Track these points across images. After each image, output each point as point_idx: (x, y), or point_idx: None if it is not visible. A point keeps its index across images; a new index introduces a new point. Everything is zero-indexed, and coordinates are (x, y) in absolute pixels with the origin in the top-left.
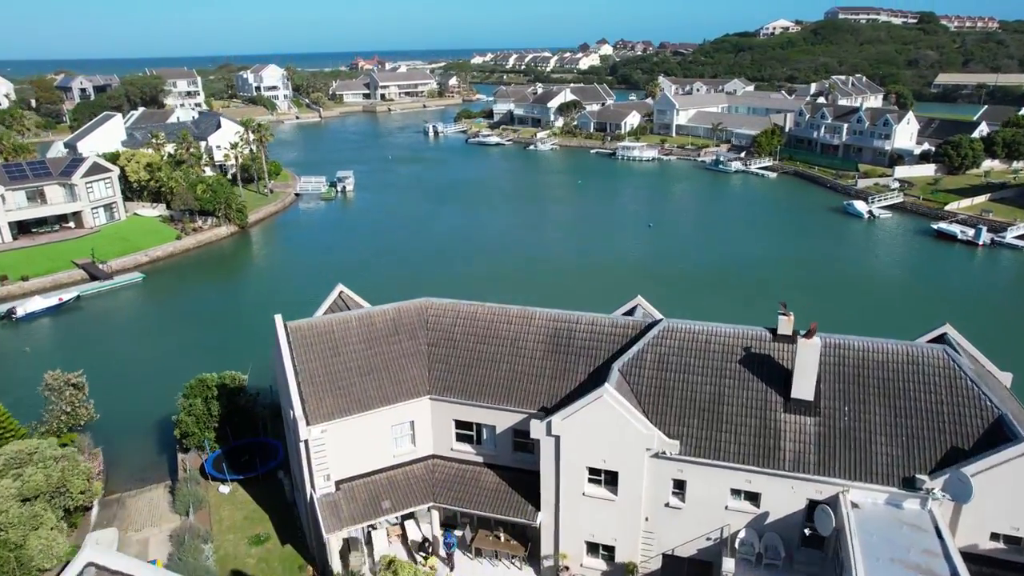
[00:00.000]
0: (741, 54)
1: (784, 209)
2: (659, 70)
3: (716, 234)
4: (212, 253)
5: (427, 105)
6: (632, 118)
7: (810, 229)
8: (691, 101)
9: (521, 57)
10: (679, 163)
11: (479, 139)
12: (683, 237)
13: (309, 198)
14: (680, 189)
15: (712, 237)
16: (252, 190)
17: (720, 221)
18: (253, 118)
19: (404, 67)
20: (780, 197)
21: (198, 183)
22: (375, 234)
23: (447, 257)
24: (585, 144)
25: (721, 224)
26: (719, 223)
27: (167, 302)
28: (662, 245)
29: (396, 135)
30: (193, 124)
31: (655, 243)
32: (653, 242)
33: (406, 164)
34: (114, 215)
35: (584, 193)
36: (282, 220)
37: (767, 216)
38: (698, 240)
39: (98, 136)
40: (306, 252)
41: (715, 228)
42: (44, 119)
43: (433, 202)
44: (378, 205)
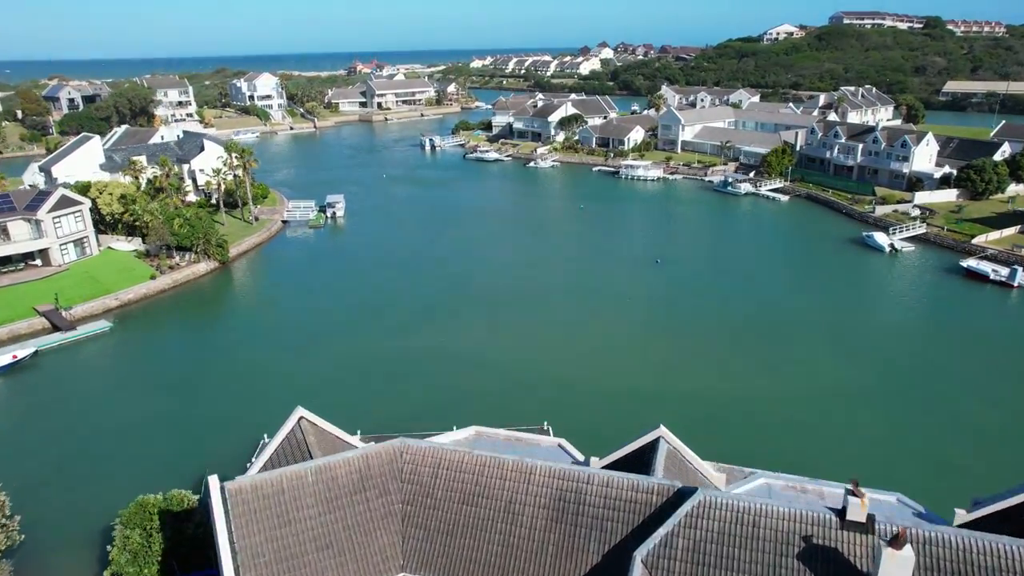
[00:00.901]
0: (744, 60)
1: (799, 240)
2: (661, 76)
3: (729, 273)
4: (188, 295)
5: (425, 114)
6: (636, 133)
7: (829, 265)
8: (697, 116)
9: (521, 61)
10: (685, 183)
11: (477, 155)
12: (694, 277)
13: (297, 225)
14: (688, 215)
15: (724, 276)
16: (237, 216)
17: (732, 256)
18: (237, 142)
19: (402, 74)
20: (794, 225)
21: (175, 216)
22: (363, 272)
23: (437, 305)
24: (587, 161)
25: (733, 260)
26: (731, 258)
27: (133, 358)
28: (672, 288)
29: (392, 148)
30: (176, 145)
31: (664, 286)
32: (662, 284)
33: (401, 184)
34: (86, 250)
35: (586, 221)
36: (267, 252)
37: (782, 249)
38: (710, 281)
39: (75, 159)
40: (287, 296)
41: (727, 265)
42: (29, 131)
43: (427, 231)
44: (369, 235)
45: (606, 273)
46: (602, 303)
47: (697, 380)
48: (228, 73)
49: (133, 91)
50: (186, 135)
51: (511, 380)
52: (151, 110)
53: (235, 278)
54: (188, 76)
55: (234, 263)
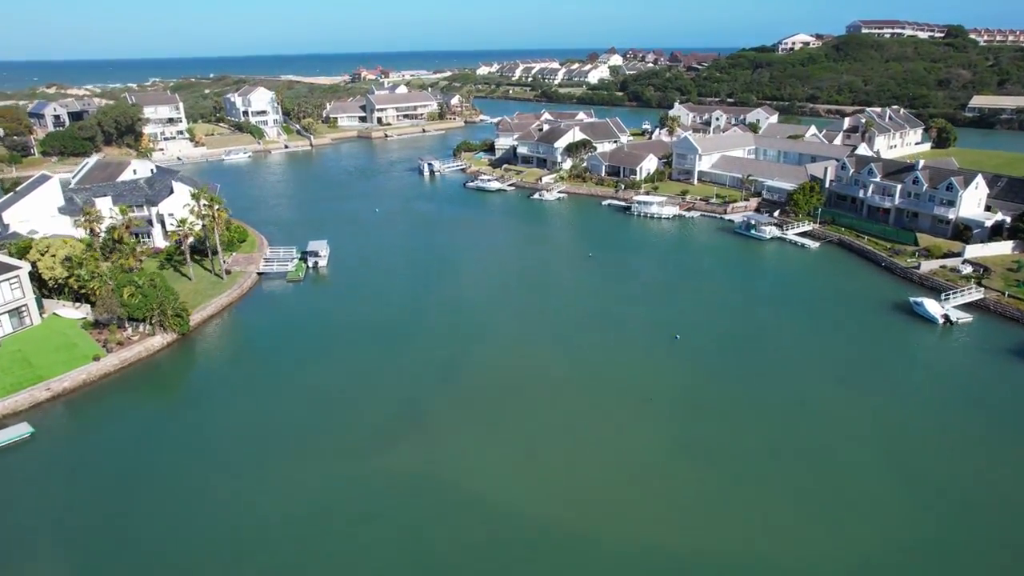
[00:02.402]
0: (759, 71)
1: (837, 304)
2: (672, 87)
3: (759, 351)
4: (136, 380)
5: (427, 129)
6: (649, 162)
7: (875, 343)
8: (714, 144)
9: (528, 68)
10: (703, 223)
11: (478, 183)
12: (718, 358)
13: (274, 278)
14: (708, 266)
15: (754, 358)
16: (208, 268)
17: (762, 326)
18: (206, 188)
19: (404, 85)
20: (828, 282)
21: (126, 284)
22: (336, 348)
23: (418, 403)
24: (596, 192)
25: (763, 331)
26: (761, 330)
27: (49, 484)
28: (695, 378)
29: (389, 172)
30: (146, 184)
31: (685, 373)
32: (683, 370)
33: (393, 221)
34: (24, 321)
35: (595, 273)
36: (235, 316)
37: (818, 316)
38: (737, 366)
39: (31, 202)
40: (244, 386)
41: (756, 340)
42: (9, 152)
43: (416, 286)
44: (351, 292)
45: (619, 352)
46: (616, 403)
47: (732, 535)
48: (229, 81)
49: (119, 110)
50: (158, 172)
51: (504, 534)
52: (138, 129)
53: (192, 356)
54: (187, 83)
55: (196, 332)
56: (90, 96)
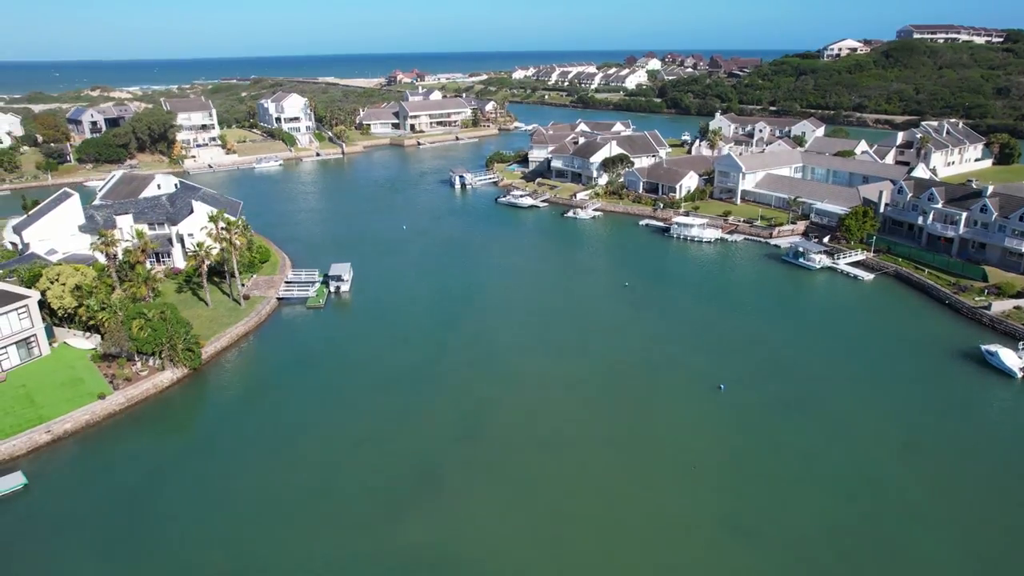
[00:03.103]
0: (803, 78)
1: (897, 348)
2: (712, 94)
3: (813, 406)
4: (143, 421)
5: (460, 137)
6: (689, 180)
7: (940, 398)
8: (759, 161)
9: (564, 73)
10: (747, 248)
11: (510, 199)
12: (769, 415)
13: (294, 303)
14: (753, 299)
15: (809, 417)
16: (226, 291)
17: (815, 374)
18: (224, 211)
19: (438, 91)
20: (886, 320)
21: (136, 316)
22: (353, 390)
23: (438, 461)
24: (633, 211)
25: (817, 380)
26: (814, 379)
27: (40, 542)
28: (744, 439)
29: (419, 183)
30: (168, 201)
31: (734, 432)
32: (731, 428)
33: (421, 240)
34: (32, 351)
35: (631, 305)
36: (250, 348)
37: (878, 363)
38: (790, 425)
39: (51, 220)
40: (250, 433)
41: (810, 391)
42: (45, 159)
43: (442, 315)
44: (373, 322)
45: (659, 405)
46: (656, 467)
47: None
48: (265, 84)
49: (153, 117)
50: (181, 188)
51: None
52: (171, 136)
53: (201, 395)
54: (226, 86)
55: (209, 366)
56: (131, 99)
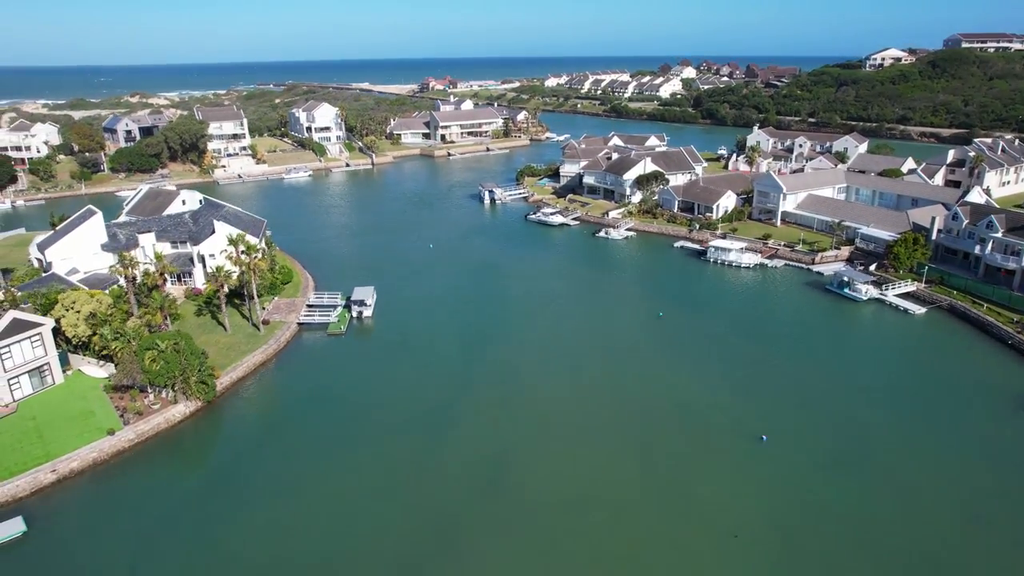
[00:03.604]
0: (843, 89)
1: (953, 393)
2: (749, 104)
3: (862, 464)
4: (152, 458)
5: (491, 148)
6: (726, 199)
7: (1010, 459)
8: (801, 182)
9: (598, 81)
10: (788, 275)
11: (540, 216)
12: (814, 471)
13: (315, 329)
14: (796, 333)
15: (857, 475)
16: (246, 315)
17: (864, 424)
18: (244, 234)
19: (472, 94)
20: (940, 361)
21: (149, 347)
22: (374, 431)
23: (454, 525)
24: (667, 231)
25: (866, 432)
26: (863, 430)
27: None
28: (789, 496)
29: (448, 197)
30: (191, 218)
31: (776, 488)
32: (773, 484)
33: (448, 260)
34: (45, 380)
35: (666, 340)
36: (267, 380)
37: (931, 413)
38: (838, 486)
39: (75, 239)
40: (270, 480)
41: (858, 447)
42: (80, 169)
43: (467, 348)
44: (395, 353)
45: (696, 460)
46: (693, 534)
47: None
48: (299, 90)
49: (184, 126)
50: (204, 205)
51: None
52: (201, 146)
53: (214, 431)
54: (260, 92)
55: (224, 398)
56: (168, 106)
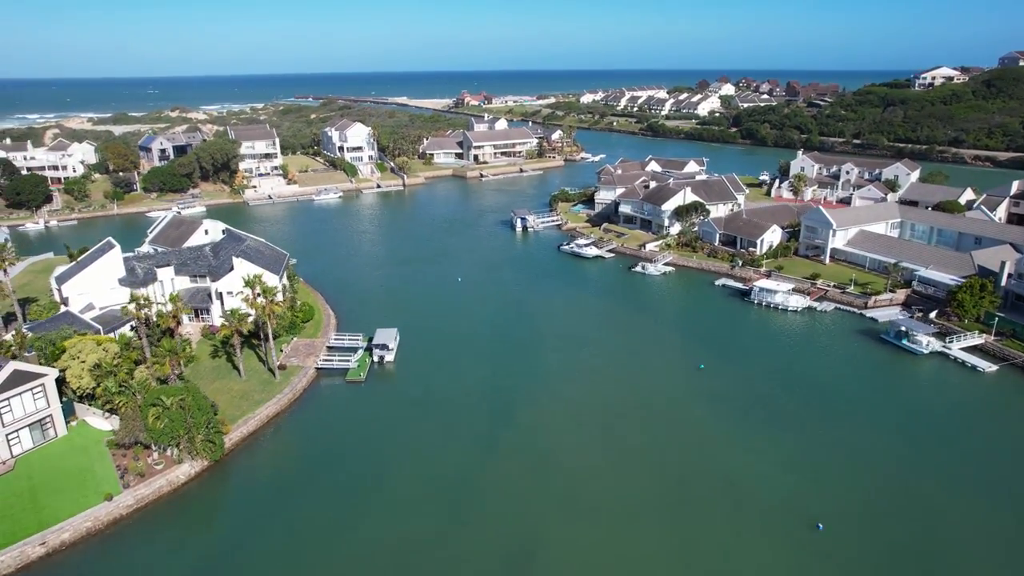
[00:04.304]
0: (891, 109)
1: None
2: (790, 125)
3: (937, 557)
4: (151, 526)
5: (524, 169)
6: (771, 234)
7: None
8: (852, 216)
9: (634, 98)
10: (839, 320)
11: (574, 248)
12: (881, 569)
13: (334, 375)
14: (850, 392)
15: (933, 573)
16: (262, 358)
17: (932, 508)
18: (261, 276)
19: (507, 110)
20: (1017, 430)
21: (154, 403)
22: (388, 504)
23: None
24: (708, 267)
25: (937, 521)
26: (933, 516)
27: None
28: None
29: (479, 223)
30: (211, 252)
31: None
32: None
33: (476, 295)
34: (47, 433)
35: (708, 398)
36: (280, 436)
37: (1009, 494)
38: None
39: (92, 274)
40: (272, 561)
41: (928, 541)
42: (113, 188)
43: (493, 405)
44: (416, 407)
45: (744, 548)
46: None
47: None
48: (335, 106)
49: (216, 146)
50: (226, 237)
51: None
52: (233, 166)
53: (218, 496)
54: (295, 107)
55: (232, 456)
56: (206, 120)
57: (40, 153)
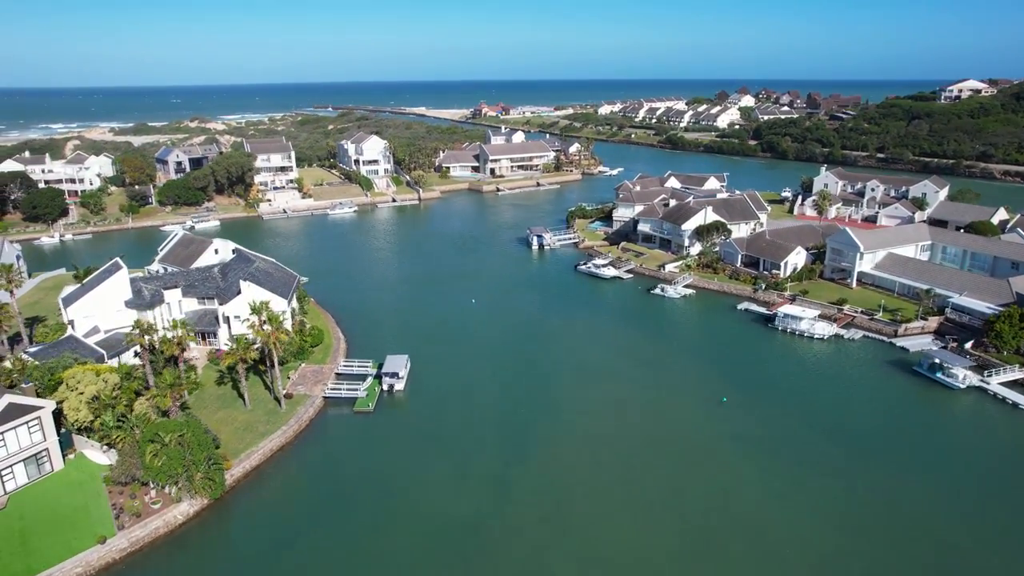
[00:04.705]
0: (916, 122)
1: None
2: (812, 138)
3: None
4: (149, 570)
5: (541, 183)
6: (796, 256)
7: None
8: (880, 239)
9: (652, 110)
10: (867, 348)
11: (591, 268)
12: None
13: (341, 404)
14: (879, 428)
15: None
16: (268, 385)
17: (988, 570)
18: (267, 303)
19: (524, 122)
20: None
21: (152, 439)
22: (401, 549)
23: None
24: (729, 290)
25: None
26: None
27: None
28: None
29: (495, 240)
30: (219, 273)
31: None
32: None
33: (490, 319)
34: (43, 467)
35: (731, 435)
36: (283, 472)
37: None
38: None
39: (97, 296)
40: None
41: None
42: (129, 202)
43: (506, 440)
44: (428, 438)
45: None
46: None
47: None
48: (352, 117)
49: (232, 160)
50: (236, 258)
51: None
52: (248, 179)
53: (217, 535)
54: (313, 118)
55: (234, 492)
56: (224, 132)
57: (58, 166)
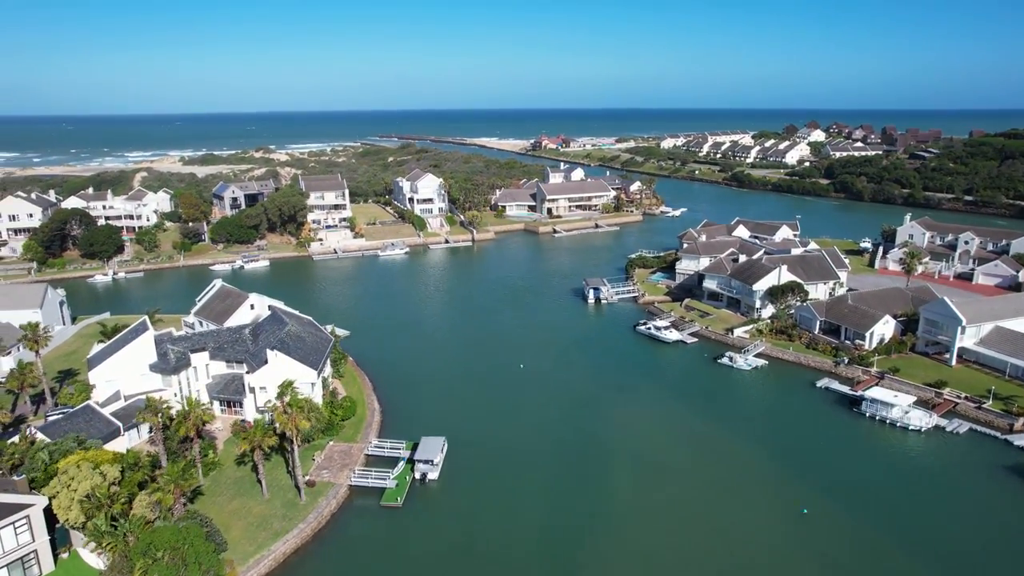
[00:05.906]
0: (1009, 162)
1: None
2: (889, 178)
3: None
4: None
5: (600, 224)
6: (884, 326)
7: None
8: (985, 310)
9: (717, 144)
10: (974, 444)
11: (651, 330)
12: None
13: (367, 496)
14: (996, 555)
15: None
16: (290, 469)
17: None
18: (293, 384)
19: (585, 155)
20: None
21: (145, 551)
22: None
23: None
24: (807, 361)
25: None
26: None
27: None
28: None
29: (548, 290)
30: (251, 334)
31: None
32: None
33: (539, 388)
34: (29, 572)
35: (813, 557)
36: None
37: None
38: None
39: (121, 359)
40: None
41: None
42: (182, 239)
43: (552, 546)
44: (461, 545)
45: None
46: None
47: None
48: (412, 149)
49: (284, 198)
50: (269, 317)
51: None
52: (300, 218)
53: None
54: (374, 149)
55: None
56: (286, 163)
57: (118, 202)
